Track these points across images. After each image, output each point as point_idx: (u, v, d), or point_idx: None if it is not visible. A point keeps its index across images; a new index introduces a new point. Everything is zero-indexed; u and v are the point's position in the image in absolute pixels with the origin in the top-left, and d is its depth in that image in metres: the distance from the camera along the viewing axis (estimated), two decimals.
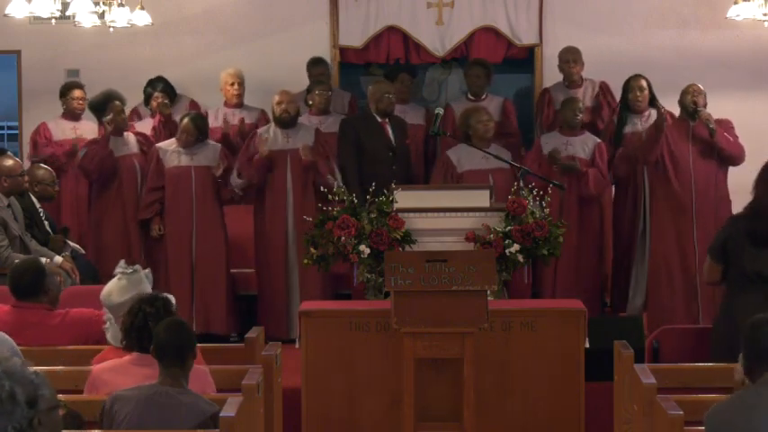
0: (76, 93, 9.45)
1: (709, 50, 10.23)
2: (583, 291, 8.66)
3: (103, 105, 9.07)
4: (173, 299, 5.69)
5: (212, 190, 8.87)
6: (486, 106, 9.40)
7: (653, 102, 9.10)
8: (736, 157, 8.38)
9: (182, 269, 8.75)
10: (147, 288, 5.61)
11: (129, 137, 9.11)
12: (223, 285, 8.87)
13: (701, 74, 9.63)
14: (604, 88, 9.65)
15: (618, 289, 9.20)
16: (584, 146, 8.83)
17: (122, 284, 5.54)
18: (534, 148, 8.95)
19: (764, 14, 8.71)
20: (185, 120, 8.92)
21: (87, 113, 9.46)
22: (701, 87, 8.50)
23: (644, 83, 9.04)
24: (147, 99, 9.71)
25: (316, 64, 9.87)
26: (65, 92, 9.48)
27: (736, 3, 8.89)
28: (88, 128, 9.42)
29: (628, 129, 9.03)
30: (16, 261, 6.88)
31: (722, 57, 10.17)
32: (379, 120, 8.95)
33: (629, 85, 9.05)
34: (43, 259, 7.52)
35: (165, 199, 8.83)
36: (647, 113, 9.06)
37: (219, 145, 9.07)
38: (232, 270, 9.04)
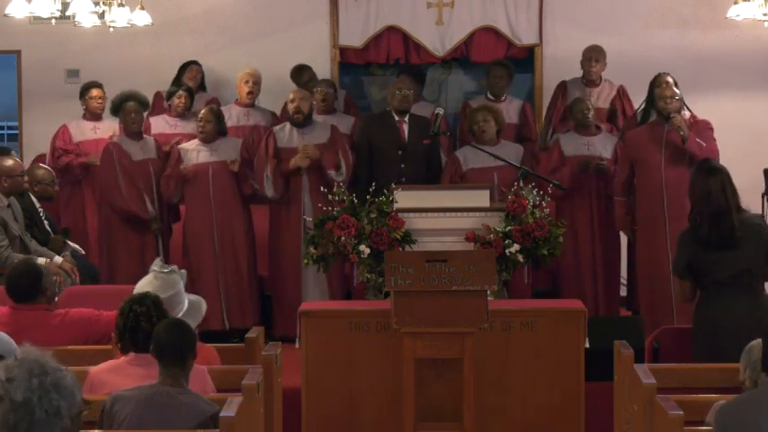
0: (95, 92, 9.41)
1: (709, 50, 10.23)
2: (612, 290, 8.78)
3: (120, 106, 9.03)
4: (203, 303, 5.69)
5: (231, 185, 8.82)
6: (506, 108, 9.38)
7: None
8: None
9: (206, 267, 8.72)
10: (182, 290, 5.59)
11: (148, 140, 9.06)
12: (246, 281, 8.83)
13: (701, 74, 9.64)
14: (622, 92, 9.61)
15: (632, 288, 9.22)
16: (604, 145, 8.82)
17: (157, 284, 5.48)
18: (554, 149, 8.89)
19: (764, 14, 8.71)
20: (203, 109, 8.91)
21: (106, 113, 9.42)
22: (675, 90, 8.43)
23: (670, 79, 9.03)
24: (170, 95, 9.59)
25: (299, 72, 9.83)
26: (83, 92, 9.44)
27: (736, 3, 8.89)
28: (108, 127, 9.35)
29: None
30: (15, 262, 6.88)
31: (722, 57, 10.17)
32: (397, 118, 8.92)
33: (656, 81, 9.04)
34: (43, 259, 7.54)
35: (186, 197, 8.82)
36: None
37: (240, 140, 9.02)
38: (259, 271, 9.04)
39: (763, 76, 10.21)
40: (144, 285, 5.53)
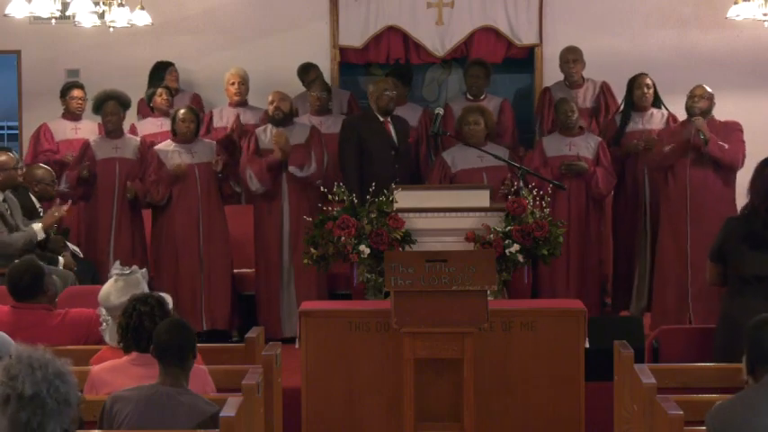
0: (75, 92, 9.44)
1: (710, 50, 10.23)
2: (589, 290, 8.73)
3: (101, 105, 9.05)
4: (169, 298, 5.69)
5: (215, 187, 8.86)
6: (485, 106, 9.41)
7: (657, 101, 9.10)
8: (729, 164, 8.33)
9: (190, 267, 8.72)
10: (145, 288, 5.61)
11: (130, 140, 9.05)
12: (229, 282, 8.87)
13: (700, 74, 9.63)
14: (606, 89, 9.63)
15: (618, 288, 9.20)
16: (587, 145, 8.81)
17: (120, 286, 5.52)
18: (536, 150, 8.91)
19: (764, 14, 8.71)
20: (182, 110, 8.89)
21: (88, 113, 9.44)
22: (706, 90, 8.45)
23: (649, 81, 9.05)
24: (151, 97, 9.63)
25: (306, 70, 9.85)
26: (64, 92, 9.49)
27: (736, 3, 8.89)
28: (89, 128, 9.39)
29: (630, 127, 9.02)
30: (15, 261, 6.88)
31: (722, 57, 10.18)
32: (381, 119, 8.92)
33: (634, 83, 9.05)
34: (37, 225, 7.76)
35: (173, 198, 8.79)
36: (649, 112, 9.05)
37: (213, 141, 9.06)
38: (234, 270, 9.06)
39: (763, 76, 10.21)
40: (107, 289, 5.56)
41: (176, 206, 8.80)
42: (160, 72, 9.87)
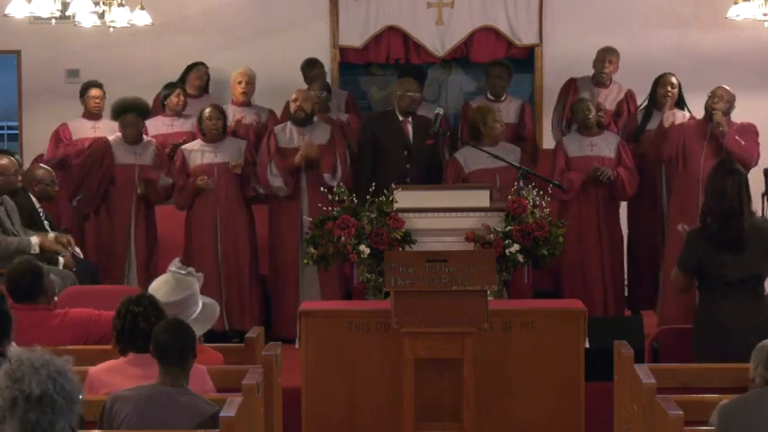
0: (93, 92, 9.42)
1: (710, 50, 10.24)
2: (618, 290, 8.82)
3: (120, 114, 8.99)
4: (216, 306, 5.66)
5: (236, 187, 8.81)
6: (505, 108, 9.38)
7: (681, 102, 9.09)
8: (743, 161, 8.32)
9: (208, 267, 8.68)
10: (197, 292, 5.56)
11: (148, 145, 8.98)
12: (247, 282, 8.82)
13: (700, 74, 9.64)
14: (630, 96, 9.56)
15: (630, 288, 9.20)
16: (608, 145, 8.81)
17: (172, 285, 5.46)
18: (559, 152, 8.84)
19: (764, 14, 8.71)
20: (208, 108, 8.87)
21: (107, 111, 9.39)
22: (727, 89, 8.44)
23: (674, 80, 9.04)
24: (168, 94, 9.60)
25: (310, 65, 9.83)
26: (83, 92, 9.46)
27: (736, 3, 8.89)
28: (107, 127, 9.33)
29: (650, 125, 9.01)
30: (15, 261, 6.88)
31: (722, 57, 10.18)
32: (401, 118, 8.89)
33: (659, 81, 9.05)
34: (36, 238, 7.63)
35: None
36: (671, 112, 9.03)
37: (245, 141, 9.02)
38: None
39: (763, 76, 10.21)
40: (159, 284, 5.51)
41: (196, 206, 8.78)
42: (188, 70, 9.84)
